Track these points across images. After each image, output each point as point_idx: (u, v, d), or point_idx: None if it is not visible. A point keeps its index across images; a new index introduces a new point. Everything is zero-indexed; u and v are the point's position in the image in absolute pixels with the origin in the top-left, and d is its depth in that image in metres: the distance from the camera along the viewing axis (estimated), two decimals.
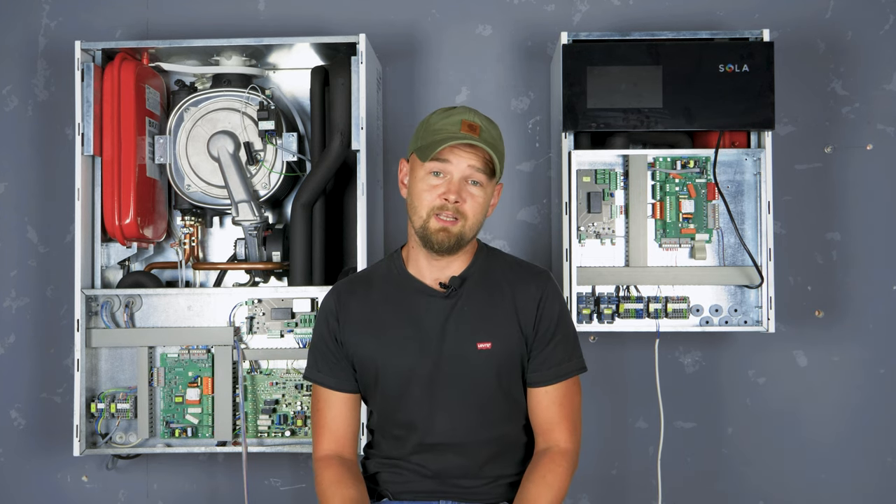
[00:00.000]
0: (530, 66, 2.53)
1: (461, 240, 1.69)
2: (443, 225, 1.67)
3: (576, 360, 1.76)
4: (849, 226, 2.48)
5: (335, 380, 1.77)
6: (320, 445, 1.76)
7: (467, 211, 1.68)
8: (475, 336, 1.71)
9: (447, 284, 1.74)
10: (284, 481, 2.53)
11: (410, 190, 1.73)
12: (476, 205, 1.69)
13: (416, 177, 1.71)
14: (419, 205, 1.69)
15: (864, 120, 2.48)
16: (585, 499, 2.52)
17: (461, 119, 1.68)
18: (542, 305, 1.74)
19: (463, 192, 1.67)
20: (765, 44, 2.20)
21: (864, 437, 2.49)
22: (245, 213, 2.26)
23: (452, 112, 1.71)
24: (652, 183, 2.27)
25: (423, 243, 1.70)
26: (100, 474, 2.55)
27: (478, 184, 1.69)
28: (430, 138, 1.68)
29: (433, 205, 1.67)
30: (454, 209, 1.67)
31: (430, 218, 1.68)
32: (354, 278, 1.85)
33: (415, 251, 1.76)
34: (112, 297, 2.28)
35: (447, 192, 1.66)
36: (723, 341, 2.50)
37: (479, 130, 1.67)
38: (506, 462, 1.77)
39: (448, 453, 1.73)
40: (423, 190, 1.68)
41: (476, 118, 1.69)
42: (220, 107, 2.29)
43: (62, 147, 2.54)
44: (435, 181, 1.68)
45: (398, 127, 2.55)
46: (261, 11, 2.56)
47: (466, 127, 1.67)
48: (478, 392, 1.72)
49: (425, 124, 1.72)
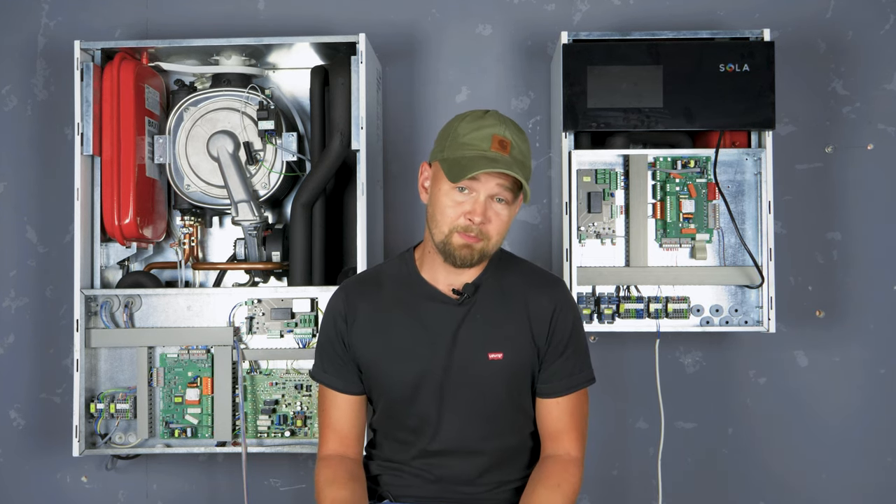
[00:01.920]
0: (530, 65, 2.53)
1: (483, 256, 1.66)
2: (466, 242, 1.62)
3: (586, 372, 1.75)
4: (849, 226, 2.48)
5: (342, 382, 1.75)
6: (325, 445, 1.76)
7: (491, 231, 1.63)
8: (487, 346, 1.69)
9: (461, 292, 1.70)
10: (284, 481, 2.53)
11: (433, 199, 1.66)
12: (500, 223, 1.64)
13: (439, 188, 1.64)
14: (442, 220, 1.63)
15: (865, 120, 2.48)
16: (586, 499, 2.51)
17: (492, 134, 1.61)
18: (555, 317, 1.71)
19: (489, 211, 1.62)
20: (765, 43, 2.20)
21: (864, 437, 2.48)
22: (245, 212, 2.26)
23: (482, 123, 1.63)
24: (652, 183, 2.27)
25: (444, 257, 1.66)
26: (99, 475, 2.54)
27: (503, 201, 1.63)
28: (458, 152, 1.62)
29: (457, 223, 1.62)
30: (478, 230, 1.62)
31: (453, 234, 1.63)
32: (364, 277, 1.81)
33: (430, 256, 1.71)
34: (111, 297, 2.28)
35: (472, 213, 1.61)
36: (723, 341, 2.50)
37: (509, 147, 1.61)
38: (510, 468, 1.75)
39: (452, 460, 1.72)
40: (448, 206, 1.62)
41: (507, 132, 1.62)
42: (219, 106, 2.29)
43: (61, 147, 2.54)
44: (460, 198, 1.62)
45: (398, 127, 2.54)
46: (260, 11, 2.56)
47: (497, 144, 1.60)
48: (486, 402, 1.70)
49: (453, 134, 1.64)
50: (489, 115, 1.64)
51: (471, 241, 1.62)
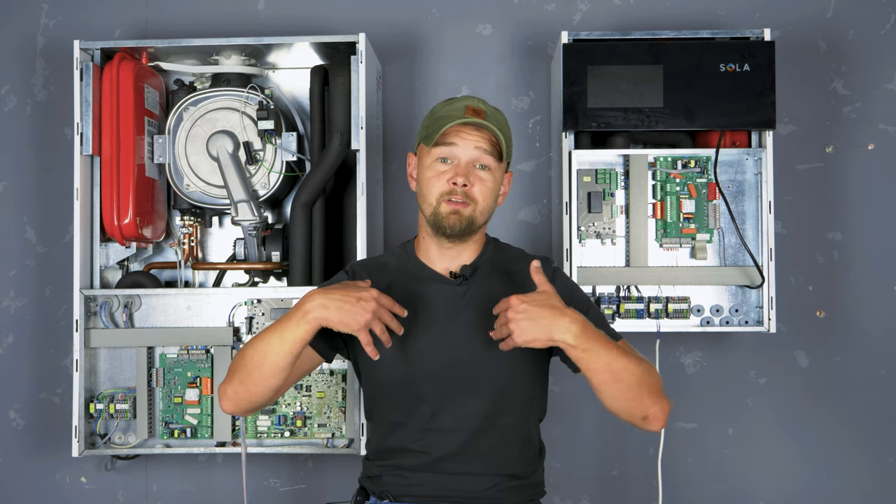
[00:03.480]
0: (530, 65, 2.53)
1: (472, 223, 1.70)
2: (454, 208, 1.67)
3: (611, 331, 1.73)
4: (850, 226, 2.48)
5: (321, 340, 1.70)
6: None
7: (477, 195, 1.68)
8: (489, 324, 1.67)
9: (459, 273, 1.74)
10: (284, 482, 2.53)
11: (419, 179, 1.74)
12: (485, 188, 1.69)
13: (423, 165, 1.72)
14: (428, 192, 1.70)
15: (866, 119, 2.48)
16: (586, 499, 2.51)
17: (465, 105, 1.69)
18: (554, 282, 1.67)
19: (471, 175, 1.68)
20: (766, 43, 2.19)
21: (865, 437, 2.48)
22: (244, 212, 2.25)
23: (456, 99, 1.73)
24: (653, 182, 2.26)
25: (435, 230, 1.71)
26: (99, 475, 2.54)
27: (486, 168, 1.69)
28: (434, 125, 1.70)
29: (442, 190, 1.68)
30: (463, 193, 1.67)
31: (441, 203, 1.68)
32: (368, 262, 1.85)
33: (426, 241, 1.76)
34: (111, 297, 2.27)
35: (455, 176, 1.67)
36: (724, 341, 2.49)
37: (484, 115, 1.68)
38: (510, 455, 1.72)
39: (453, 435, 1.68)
40: (432, 177, 1.69)
41: (480, 104, 1.71)
42: (219, 106, 2.29)
43: (61, 147, 2.53)
44: (442, 167, 1.69)
45: (398, 127, 2.54)
46: (260, 11, 2.55)
47: (471, 111, 1.67)
48: (489, 380, 1.69)
49: (430, 114, 1.75)
50: (463, 95, 1.76)
51: (458, 206, 1.67)
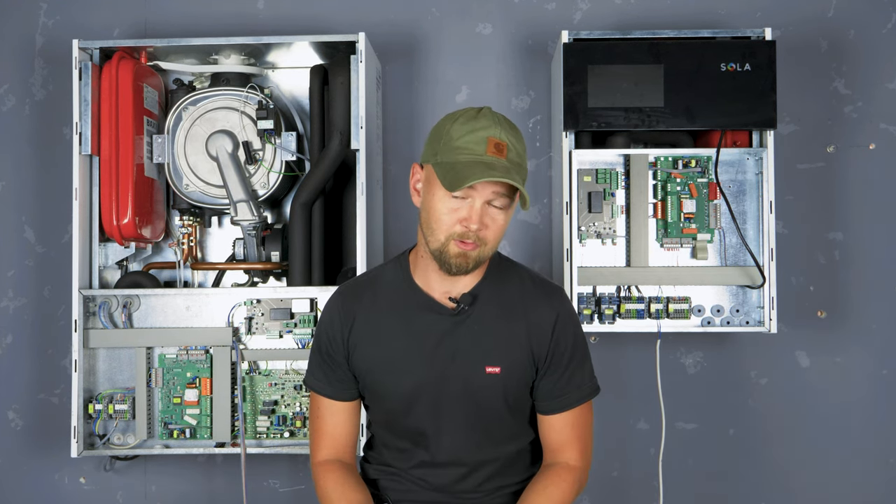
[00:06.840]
0: (531, 64, 2.52)
1: (479, 263, 1.59)
2: (463, 250, 1.56)
3: (589, 384, 1.70)
4: (851, 225, 2.47)
5: (332, 389, 1.71)
6: (319, 451, 1.73)
7: (488, 237, 1.57)
8: (484, 360, 1.64)
9: (458, 301, 1.64)
10: (283, 482, 2.52)
11: (427, 205, 1.58)
12: (497, 228, 1.57)
13: (433, 194, 1.56)
14: (437, 227, 1.56)
15: (867, 119, 2.47)
16: (586, 500, 2.50)
17: (487, 137, 1.53)
18: (556, 330, 1.66)
19: (485, 217, 1.55)
20: (767, 43, 2.19)
21: (866, 438, 2.47)
22: (244, 212, 2.25)
23: (476, 125, 1.55)
24: (653, 182, 2.26)
25: (439, 265, 1.59)
26: (98, 475, 2.54)
27: (500, 206, 1.57)
28: (452, 157, 1.54)
29: (453, 230, 1.55)
30: (475, 236, 1.55)
31: (450, 242, 1.56)
32: (360, 281, 1.76)
33: (424, 262, 1.65)
34: (110, 297, 2.27)
35: (469, 220, 1.54)
36: (724, 342, 2.49)
37: (505, 150, 1.54)
38: (510, 474, 1.73)
39: (451, 469, 1.69)
40: (443, 213, 1.55)
41: (502, 133, 1.55)
42: (218, 106, 2.28)
43: (60, 146, 2.53)
44: (455, 204, 1.55)
45: (398, 126, 2.53)
46: (260, 10, 2.55)
47: (493, 147, 1.53)
48: (484, 414, 1.67)
49: (446, 136, 1.56)
50: (482, 116, 1.56)
51: (467, 248, 1.56)
